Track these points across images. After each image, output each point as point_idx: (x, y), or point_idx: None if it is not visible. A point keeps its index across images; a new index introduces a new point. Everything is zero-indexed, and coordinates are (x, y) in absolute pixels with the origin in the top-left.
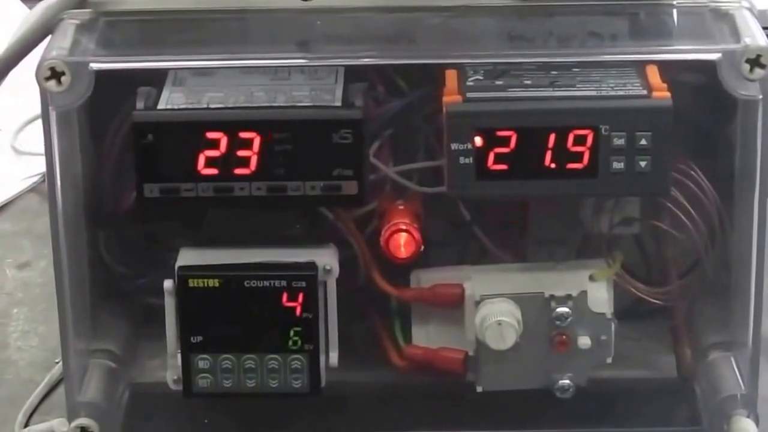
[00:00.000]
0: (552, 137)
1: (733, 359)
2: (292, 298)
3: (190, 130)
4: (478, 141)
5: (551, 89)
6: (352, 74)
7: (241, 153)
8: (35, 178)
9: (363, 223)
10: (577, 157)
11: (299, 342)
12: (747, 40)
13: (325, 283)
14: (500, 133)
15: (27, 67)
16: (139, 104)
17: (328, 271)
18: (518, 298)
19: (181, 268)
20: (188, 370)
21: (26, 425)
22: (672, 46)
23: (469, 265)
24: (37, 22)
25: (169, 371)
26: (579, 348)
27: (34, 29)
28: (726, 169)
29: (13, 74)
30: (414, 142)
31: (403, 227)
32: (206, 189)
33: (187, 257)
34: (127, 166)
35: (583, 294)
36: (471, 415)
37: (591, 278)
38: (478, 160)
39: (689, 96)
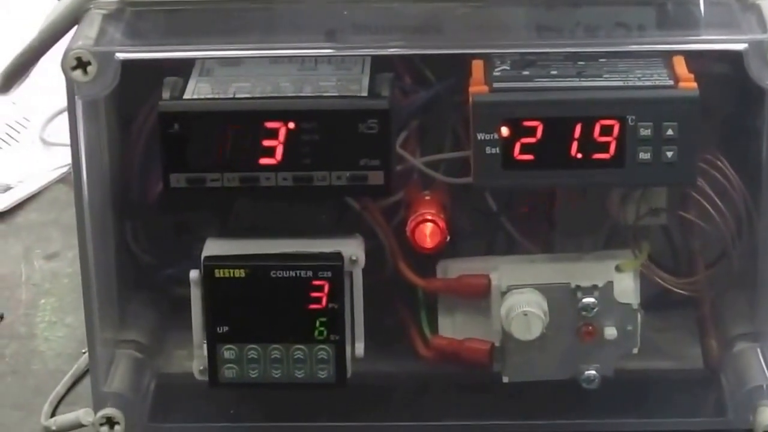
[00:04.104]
0: (578, 127)
1: (759, 350)
2: (318, 288)
3: (216, 120)
4: (505, 131)
5: (578, 79)
6: (379, 64)
7: (267, 143)
8: (63, 169)
9: (389, 213)
10: (604, 147)
11: (325, 332)
12: None
13: (351, 274)
14: (527, 124)
15: (56, 58)
16: (165, 94)
17: (354, 262)
18: (544, 289)
19: (207, 258)
20: (214, 361)
21: (52, 415)
22: (699, 36)
23: (495, 255)
24: (64, 12)
25: (195, 361)
26: (605, 338)
27: (61, 19)
28: (753, 159)
29: (42, 64)
30: (441, 133)
31: (430, 217)
32: (232, 179)
33: (213, 247)
34: (154, 157)
35: (610, 284)
36: (497, 406)
37: (617, 269)
38: (504, 150)
39: (716, 86)
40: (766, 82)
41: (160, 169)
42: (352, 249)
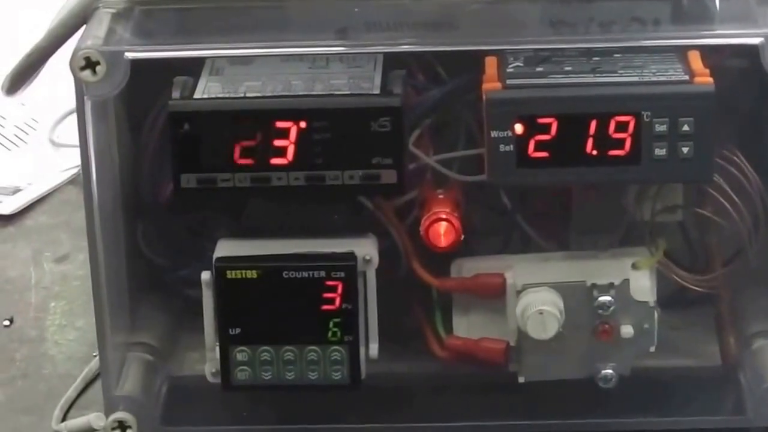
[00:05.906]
0: (593, 124)
1: None
2: (332, 288)
3: (226, 120)
4: (519, 128)
5: (592, 75)
6: (391, 62)
7: (279, 142)
8: (73, 171)
9: (403, 212)
10: (619, 143)
11: (339, 333)
12: None
13: (364, 274)
14: (541, 120)
15: (64, 58)
16: (175, 94)
17: (367, 262)
18: (560, 287)
19: (218, 259)
20: (227, 363)
21: (63, 419)
22: (714, 30)
23: (510, 254)
24: (72, 11)
25: (208, 364)
26: (622, 337)
27: (69, 18)
28: None
29: (51, 65)
30: (454, 130)
31: (444, 216)
32: (243, 179)
33: (225, 248)
34: (164, 157)
35: (626, 282)
36: (513, 406)
37: (634, 266)
38: (518, 147)
39: (732, 81)
40: None
41: (170, 169)
42: (366, 249)
